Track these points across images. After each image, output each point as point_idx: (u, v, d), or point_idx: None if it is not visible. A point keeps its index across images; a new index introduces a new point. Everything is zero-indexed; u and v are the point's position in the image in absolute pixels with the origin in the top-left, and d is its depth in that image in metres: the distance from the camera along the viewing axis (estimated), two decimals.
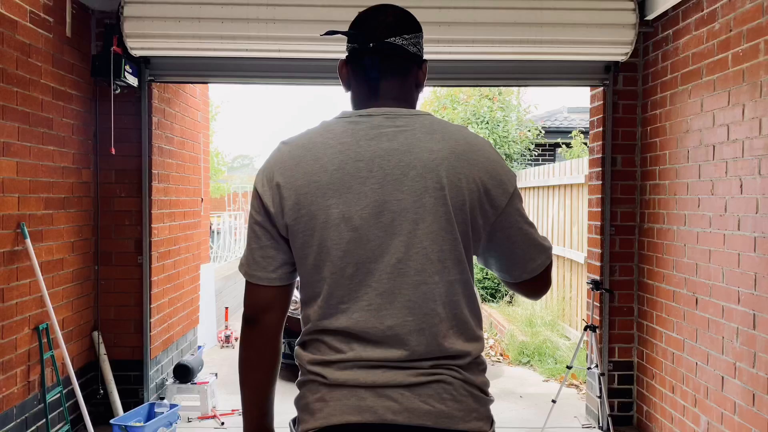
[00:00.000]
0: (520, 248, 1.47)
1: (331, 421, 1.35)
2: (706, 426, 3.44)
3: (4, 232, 3.19)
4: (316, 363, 1.40)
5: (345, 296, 1.37)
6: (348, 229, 1.36)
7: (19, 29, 3.31)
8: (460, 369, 1.38)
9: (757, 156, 3.02)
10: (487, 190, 1.38)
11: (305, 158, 1.39)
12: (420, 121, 1.43)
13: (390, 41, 1.45)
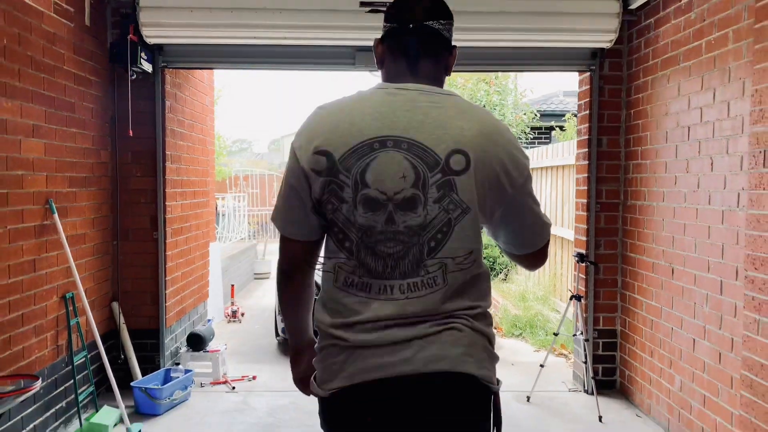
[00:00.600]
0: (528, 225, 1.61)
1: (353, 380, 1.47)
2: (680, 385, 3.75)
3: (34, 207, 3.47)
4: (334, 326, 1.50)
5: (366, 255, 1.48)
6: (379, 191, 1.46)
7: (44, 19, 3.56)
8: (470, 318, 1.51)
9: (726, 136, 3.29)
10: (507, 170, 1.50)
11: (342, 123, 1.48)
12: (452, 100, 1.55)
13: (428, 24, 1.57)
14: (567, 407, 4.36)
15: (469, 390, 1.49)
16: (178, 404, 4.25)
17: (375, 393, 1.46)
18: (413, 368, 1.44)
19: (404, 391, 1.45)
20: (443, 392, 1.47)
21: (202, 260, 5.60)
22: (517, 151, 1.54)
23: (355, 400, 1.48)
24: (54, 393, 3.67)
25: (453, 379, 1.46)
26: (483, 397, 1.52)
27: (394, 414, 1.46)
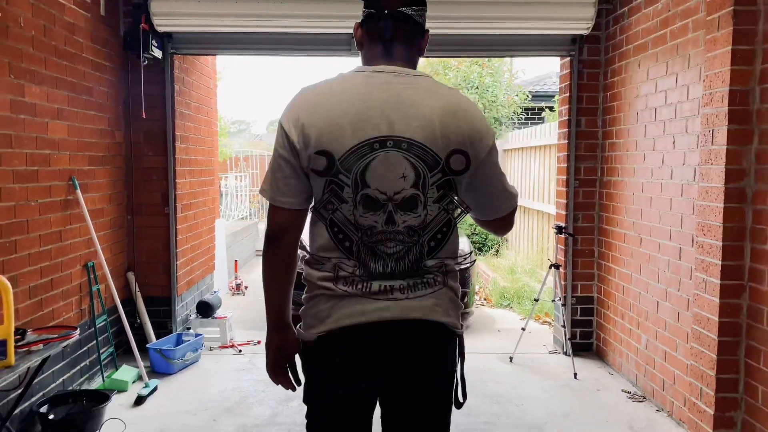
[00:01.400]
0: (493, 193, 1.77)
1: (339, 324, 1.64)
2: (646, 343, 4.14)
3: (59, 183, 3.83)
4: (324, 279, 1.67)
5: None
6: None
7: (66, 11, 3.88)
8: (440, 274, 1.70)
9: (685, 117, 3.64)
10: (472, 141, 1.66)
11: (325, 103, 1.62)
12: (423, 81, 1.69)
13: (402, 10, 1.70)
14: (546, 366, 4.76)
15: (438, 333, 1.70)
16: (189, 365, 4.64)
17: (358, 335, 1.65)
18: (392, 315, 1.64)
19: (384, 333, 1.65)
20: (416, 335, 1.67)
21: (208, 235, 5.97)
22: (479, 125, 1.68)
23: (340, 342, 1.66)
24: (79, 352, 4.05)
25: (425, 325, 1.67)
26: (449, 339, 1.74)
27: (374, 353, 1.65)
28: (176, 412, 3.83)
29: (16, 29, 3.32)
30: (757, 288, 2.97)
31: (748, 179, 3.02)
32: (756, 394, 2.98)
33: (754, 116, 2.99)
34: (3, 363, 2.25)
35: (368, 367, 1.67)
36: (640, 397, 4.12)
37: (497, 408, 3.93)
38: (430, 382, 1.72)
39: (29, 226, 3.48)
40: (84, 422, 3.48)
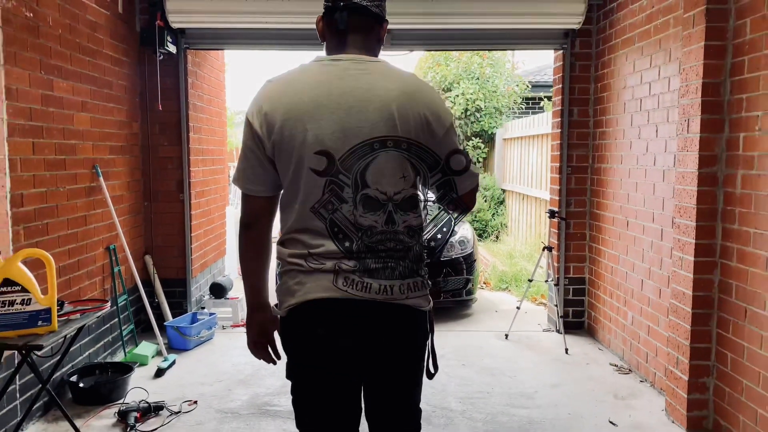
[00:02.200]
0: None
1: (307, 297, 1.70)
2: (631, 320, 4.42)
3: (84, 171, 4.11)
4: (295, 256, 1.73)
5: (318, 202, 1.68)
6: (320, 148, 1.66)
7: (88, 10, 4.16)
8: (406, 256, 1.75)
9: (666, 107, 3.90)
10: (428, 122, 1.71)
11: (287, 92, 1.69)
12: (379, 66, 1.75)
13: (357, 2, 1.76)
14: (539, 343, 5.05)
15: (400, 313, 1.75)
16: (204, 341, 4.95)
17: (322, 309, 1.70)
18: (355, 293, 1.69)
19: (349, 308, 1.70)
20: (378, 313, 1.73)
21: (220, 221, 6.26)
22: (436, 107, 1.73)
23: (308, 314, 1.72)
24: (102, 329, 4.35)
25: (386, 306, 1.72)
26: (413, 316, 1.78)
27: (340, 326, 1.71)
28: (194, 383, 4.13)
29: (45, 28, 3.60)
30: (728, 264, 3.24)
31: (719, 165, 3.28)
32: (726, 361, 3.26)
33: (725, 107, 3.25)
34: (48, 328, 2.54)
35: (337, 341, 1.73)
36: (626, 369, 4.41)
37: (491, 379, 4.22)
38: (397, 360, 1.81)
39: (58, 210, 3.78)
40: (110, 390, 3.80)
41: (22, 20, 3.35)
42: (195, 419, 3.58)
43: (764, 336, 2.95)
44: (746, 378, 3.09)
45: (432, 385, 4.04)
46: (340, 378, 1.78)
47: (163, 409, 3.65)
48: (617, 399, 3.90)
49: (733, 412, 3.21)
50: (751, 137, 3.05)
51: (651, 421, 3.57)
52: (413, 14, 4.75)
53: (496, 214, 10.03)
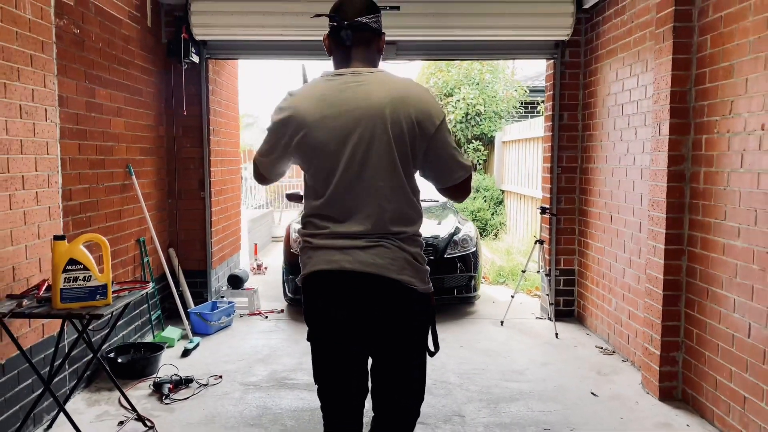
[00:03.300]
0: (446, 164, 2.07)
1: (313, 269, 2.04)
2: (615, 306, 4.84)
3: (119, 170, 4.56)
4: (307, 235, 2.08)
5: (324, 192, 2.01)
6: (327, 151, 1.98)
7: (123, 25, 4.61)
8: (397, 240, 2.01)
9: (644, 112, 4.33)
10: (419, 121, 1.97)
11: (302, 104, 2.00)
12: (375, 76, 2.02)
13: (359, 20, 2.04)
14: (532, 329, 5.48)
15: (392, 288, 2.00)
16: (224, 327, 5.39)
17: (327, 277, 2.03)
18: (352, 267, 1.98)
19: (346, 279, 2.00)
20: (372, 287, 2.00)
21: (236, 218, 6.71)
22: (425, 106, 2.00)
23: (315, 283, 2.06)
24: (133, 314, 4.79)
25: (378, 280, 1.99)
26: (403, 293, 2.01)
27: (340, 291, 2.02)
28: (217, 361, 4.57)
29: (89, 43, 4.05)
30: (693, 251, 3.67)
31: (686, 163, 3.71)
32: (692, 337, 3.69)
33: (690, 112, 3.68)
34: (105, 301, 2.98)
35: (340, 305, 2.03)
36: (610, 351, 4.84)
37: (487, 359, 4.65)
38: (391, 332, 2.06)
39: (98, 204, 4.22)
40: (144, 366, 4.24)
41: (71, 36, 3.80)
42: (221, 391, 4.02)
43: (722, 312, 3.38)
44: (708, 350, 3.52)
45: (432, 363, 4.46)
46: (342, 339, 2.07)
47: (193, 381, 4.09)
48: (600, 375, 4.33)
49: (698, 381, 3.64)
50: (711, 139, 3.49)
51: (628, 393, 3.99)
52: (417, 27, 5.19)
53: (495, 213, 10.46)
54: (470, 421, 3.57)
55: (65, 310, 2.90)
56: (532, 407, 3.77)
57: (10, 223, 3.17)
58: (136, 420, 3.51)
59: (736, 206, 3.24)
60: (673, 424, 3.54)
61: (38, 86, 3.41)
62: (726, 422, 3.35)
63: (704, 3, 3.54)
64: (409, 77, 2.12)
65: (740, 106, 3.21)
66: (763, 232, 3.02)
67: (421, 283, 2.05)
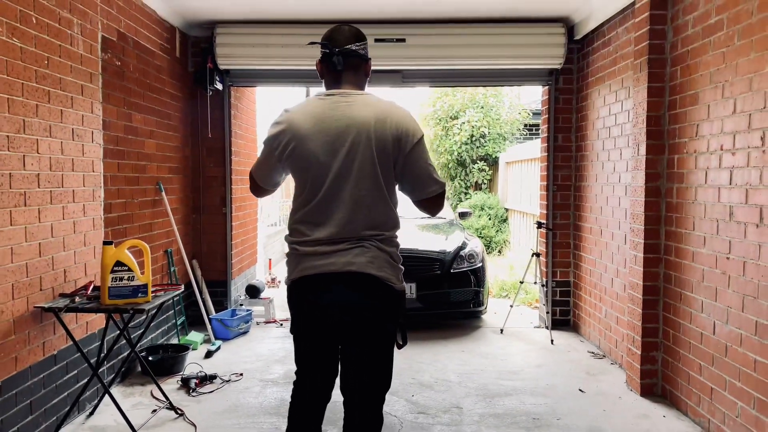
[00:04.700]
0: (421, 178, 2.28)
1: (300, 274, 2.25)
2: (605, 313, 5.22)
3: (150, 187, 5.03)
4: (295, 243, 2.28)
5: (312, 199, 2.22)
6: (316, 162, 2.20)
7: (155, 57, 5.12)
8: (376, 241, 2.23)
9: (627, 134, 4.75)
10: (399, 138, 2.21)
11: (297, 119, 2.23)
12: (362, 98, 2.25)
13: (348, 47, 2.27)
14: (529, 336, 5.86)
15: (371, 284, 2.23)
16: (242, 333, 5.81)
17: (312, 282, 2.24)
18: (335, 268, 2.20)
19: (329, 281, 2.22)
20: (354, 283, 2.22)
21: (253, 233, 7.17)
22: (404, 126, 2.23)
23: (301, 286, 2.27)
24: (159, 319, 5.22)
25: (360, 277, 2.21)
26: (382, 288, 2.24)
27: (324, 294, 2.24)
28: (238, 361, 4.99)
29: (128, 73, 4.55)
30: (669, 259, 4.07)
31: (662, 180, 4.13)
32: (669, 337, 4.07)
33: (665, 134, 4.10)
34: (145, 299, 3.42)
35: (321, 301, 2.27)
36: (600, 355, 5.21)
37: (486, 362, 5.04)
38: (363, 319, 2.27)
39: (133, 217, 4.69)
40: (172, 365, 4.66)
41: (113, 68, 4.30)
42: (243, 386, 4.43)
43: (692, 313, 3.77)
44: (682, 348, 3.90)
45: (434, 364, 4.88)
46: (321, 333, 2.33)
47: (216, 378, 4.51)
48: (589, 375, 4.70)
49: (673, 377, 4.01)
50: (682, 158, 3.90)
51: (613, 390, 4.36)
52: (421, 57, 5.67)
53: (499, 231, 10.87)
54: (467, 411, 3.96)
55: (112, 306, 3.34)
56: (524, 401, 4.15)
57: (63, 231, 3.63)
58: (168, 409, 3.93)
59: (701, 217, 3.65)
60: (651, 415, 3.91)
61: (87, 112, 3.89)
62: (697, 412, 3.72)
63: (674, 38, 3.99)
64: (392, 100, 2.33)
65: (704, 129, 3.63)
66: (723, 240, 3.43)
67: (397, 281, 2.29)
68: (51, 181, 3.49)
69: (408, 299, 5.55)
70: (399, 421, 3.76)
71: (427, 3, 5.18)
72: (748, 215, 3.21)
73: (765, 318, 3.06)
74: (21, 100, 3.20)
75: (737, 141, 3.31)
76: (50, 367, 3.50)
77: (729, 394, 3.38)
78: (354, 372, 2.36)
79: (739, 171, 3.30)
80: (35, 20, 3.32)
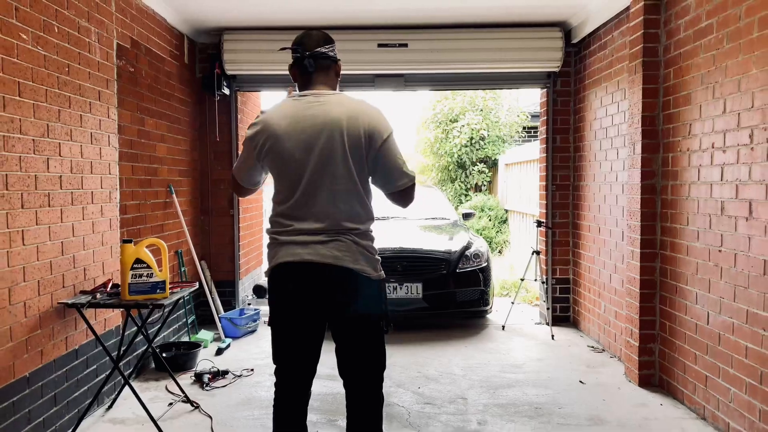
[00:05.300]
0: (391, 171, 2.38)
1: (278, 261, 2.36)
2: (604, 308, 5.38)
3: (161, 189, 5.19)
4: (274, 233, 2.40)
5: (291, 195, 2.33)
6: (293, 159, 2.31)
7: (166, 63, 5.28)
8: (352, 235, 2.35)
9: (624, 135, 4.92)
10: (369, 134, 2.32)
11: (273, 120, 2.35)
12: (334, 97, 2.37)
13: (318, 50, 2.41)
14: (530, 332, 6.01)
15: (348, 275, 2.35)
16: (251, 332, 5.95)
17: (290, 269, 2.35)
18: (312, 258, 2.32)
19: (307, 269, 2.34)
20: (330, 274, 2.34)
21: (258, 234, 7.32)
22: (375, 123, 2.35)
23: (281, 273, 2.39)
24: (171, 318, 5.37)
25: (337, 270, 2.34)
26: (358, 279, 2.36)
27: (303, 279, 2.35)
28: (248, 358, 5.14)
29: (140, 79, 4.71)
30: (665, 253, 4.22)
31: (657, 178, 4.29)
32: (665, 329, 4.22)
33: (659, 134, 4.27)
34: (163, 295, 3.57)
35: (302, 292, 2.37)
36: (600, 349, 5.36)
37: (489, 356, 5.19)
38: (347, 310, 2.39)
39: (146, 219, 4.84)
40: (185, 361, 4.81)
41: (127, 74, 4.46)
42: (254, 380, 4.58)
43: (687, 305, 3.92)
44: (677, 339, 4.05)
45: (439, 359, 5.03)
46: (300, 321, 2.41)
47: (228, 373, 4.66)
48: (589, 368, 4.85)
49: (670, 367, 4.16)
50: (675, 156, 4.07)
51: (612, 381, 4.52)
52: (423, 62, 5.83)
53: (500, 231, 11.03)
54: (472, 402, 4.11)
55: (133, 301, 3.49)
56: (526, 392, 4.30)
57: (83, 231, 3.78)
58: (184, 402, 4.08)
59: (695, 213, 3.81)
60: (649, 404, 4.06)
61: (104, 117, 4.05)
62: (693, 400, 3.87)
63: (668, 41, 4.15)
64: (363, 99, 2.46)
65: (696, 128, 3.80)
66: (715, 234, 3.59)
67: (373, 271, 2.40)
68: (72, 183, 3.64)
69: (414, 299, 5.68)
70: (407, 411, 3.91)
71: (429, 9, 5.35)
72: (738, 209, 3.37)
73: (755, 306, 3.22)
74: (45, 105, 3.35)
75: (727, 139, 3.48)
76: (72, 361, 3.65)
77: (722, 381, 3.53)
78: (347, 359, 2.47)
79: (729, 168, 3.46)
80: (57, 29, 3.48)
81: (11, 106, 3.07)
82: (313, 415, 3.78)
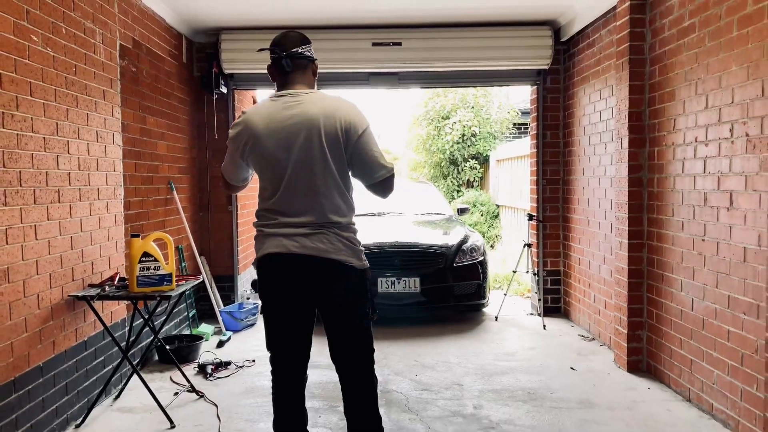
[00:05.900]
0: (369, 164, 2.47)
1: (264, 252, 2.47)
2: (593, 299, 5.55)
3: (162, 186, 5.31)
4: (260, 225, 2.51)
5: (275, 192, 2.44)
6: (273, 157, 2.41)
7: (165, 63, 5.40)
8: (334, 227, 2.45)
9: (611, 130, 5.08)
10: (346, 129, 2.41)
11: (253, 119, 2.44)
12: (311, 96, 2.46)
13: (295, 50, 2.49)
14: (523, 323, 6.18)
15: (332, 266, 2.46)
16: (250, 325, 6.08)
17: (277, 259, 2.46)
18: (297, 250, 2.43)
19: (293, 260, 2.44)
20: (315, 265, 2.45)
21: None
22: (351, 118, 2.43)
23: (267, 263, 2.51)
24: (175, 311, 5.50)
25: (321, 260, 2.45)
26: (342, 269, 2.47)
27: (289, 270, 2.46)
28: (248, 350, 5.27)
29: (142, 78, 4.83)
30: (651, 244, 4.40)
31: (643, 171, 4.46)
32: (653, 316, 4.40)
33: (646, 129, 4.44)
34: (170, 287, 3.70)
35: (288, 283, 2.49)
36: (590, 338, 5.53)
37: (483, 345, 5.35)
38: (334, 297, 2.52)
39: (148, 215, 4.96)
40: (188, 353, 4.94)
41: (130, 74, 4.58)
42: (256, 371, 4.72)
43: (673, 292, 4.10)
44: (664, 326, 4.22)
45: (435, 349, 5.18)
46: (291, 310, 2.54)
47: (231, 364, 4.79)
48: (579, 355, 5.03)
49: (657, 353, 4.34)
50: (661, 150, 4.24)
51: (602, 368, 4.69)
52: (416, 60, 5.98)
53: (491, 227, 11.21)
54: (467, 387, 4.26)
55: (141, 293, 3.62)
56: (519, 378, 4.46)
57: (90, 226, 3.90)
58: (189, 391, 4.21)
59: (680, 204, 3.98)
60: (637, 388, 4.23)
61: (108, 116, 4.17)
62: (679, 383, 4.05)
63: (653, 40, 4.32)
64: (339, 95, 2.55)
65: (680, 123, 3.97)
66: (698, 223, 3.76)
67: (357, 261, 2.51)
68: (80, 179, 3.76)
69: (412, 293, 5.78)
70: (405, 397, 4.06)
71: (422, 8, 5.50)
72: (720, 200, 3.54)
73: (736, 292, 3.39)
74: (54, 104, 3.47)
75: (709, 133, 3.65)
76: (82, 352, 3.77)
77: (706, 364, 3.71)
78: (336, 345, 2.61)
79: (711, 160, 3.63)
80: (65, 31, 3.59)
81: (24, 106, 3.18)
82: (314, 402, 3.93)
